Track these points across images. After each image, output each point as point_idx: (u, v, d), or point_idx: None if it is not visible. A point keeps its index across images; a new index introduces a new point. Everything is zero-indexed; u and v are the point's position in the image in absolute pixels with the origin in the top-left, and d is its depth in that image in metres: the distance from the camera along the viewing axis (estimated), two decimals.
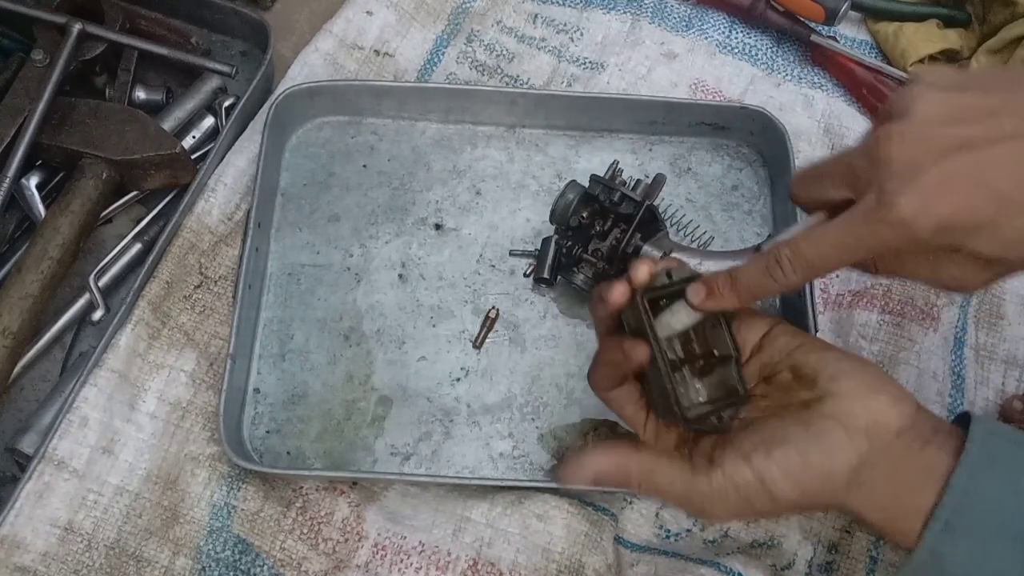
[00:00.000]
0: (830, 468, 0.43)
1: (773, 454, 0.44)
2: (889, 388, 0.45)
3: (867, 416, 0.43)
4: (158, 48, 0.68)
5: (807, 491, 0.44)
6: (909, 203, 0.40)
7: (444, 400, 0.63)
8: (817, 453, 0.43)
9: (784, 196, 0.67)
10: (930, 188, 0.40)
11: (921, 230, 0.40)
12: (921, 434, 0.43)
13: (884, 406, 0.44)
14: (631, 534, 0.59)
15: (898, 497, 0.43)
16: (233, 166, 0.67)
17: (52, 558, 0.56)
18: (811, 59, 0.76)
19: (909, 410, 0.44)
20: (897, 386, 0.45)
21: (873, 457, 0.43)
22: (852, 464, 0.43)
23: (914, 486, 0.42)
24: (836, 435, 0.43)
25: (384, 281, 0.66)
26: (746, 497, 0.44)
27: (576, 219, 0.62)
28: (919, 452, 0.43)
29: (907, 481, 0.43)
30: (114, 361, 0.60)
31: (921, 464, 0.43)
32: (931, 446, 0.43)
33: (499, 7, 0.76)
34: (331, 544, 0.57)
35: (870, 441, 0.43)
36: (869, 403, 0.44)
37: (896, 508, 0.43)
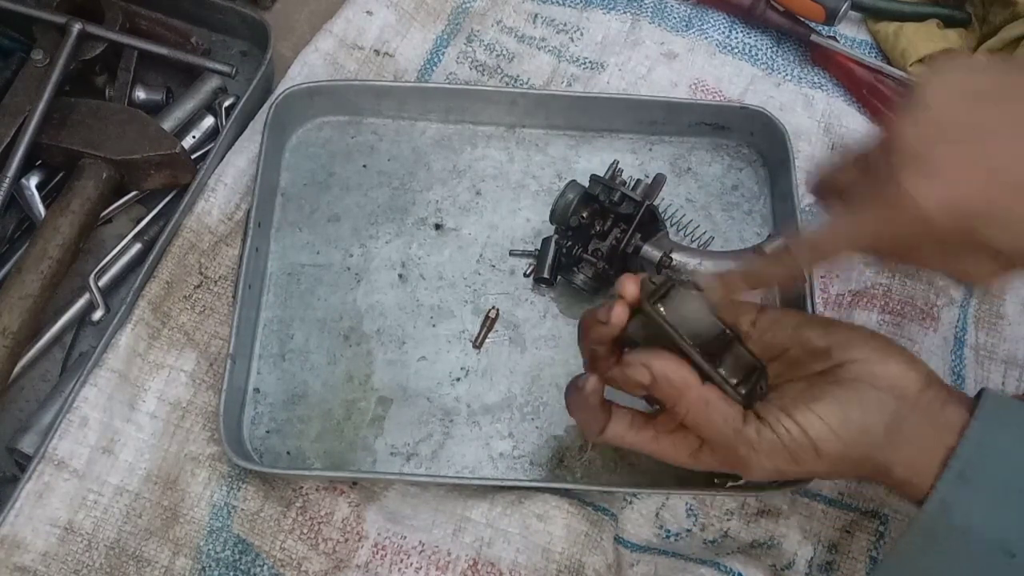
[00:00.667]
0: (869, 423, 0.44)
1: (814, 407, 0.44)
2: (902, 352, 0.46)
3: (888, 377, 0.44)
4: (158, 48, 0.68)
5: (848, 443, 0.44)
6: (922, 189, 0.40)
7: (444, 400, 0.63)
8: (855, 408, 0.44)
9: (784, 196, 0.67)
10: (944, 174, 0.40)
11: (934, 217, 0.40)
12: (939, 395, 0.44)
13: (901, 368, 0.45)
14: (631, 534, 0.59)
15: (923, 452, 0.43)
16: (233, 166, 0.67)
17: (52, 558, 0.56)
18: (811, 59, 0.76)
19: (924, 371, 0.45)
20: (907, 351, 0.46)
21: (903, 413, 0.44)
22: (886, 419, 0.44)
23: (937, 441, 0.43)
24: (868, 393, 0.44)
25: (384, 281, 0.66)
26: (792, 450, 0.44)
27: (576, 219, 0.62)
28: (940, 410, 0.44)
29: (932, 437, 0.43)
30: (114, 361, 0.60)
31: (943, 420, 0.43)
32: (950, 404, 0.44)
33: (499, 7, 0.76)
34: (331, 544, 0.57)
35: (897, 400, 0.44)
36: (887, 366, 0.45)
37: (921, 463, 0.43)
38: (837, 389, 0.45)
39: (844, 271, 0.67)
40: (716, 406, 0.45)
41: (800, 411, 0.45)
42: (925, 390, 0.45)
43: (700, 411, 0.46)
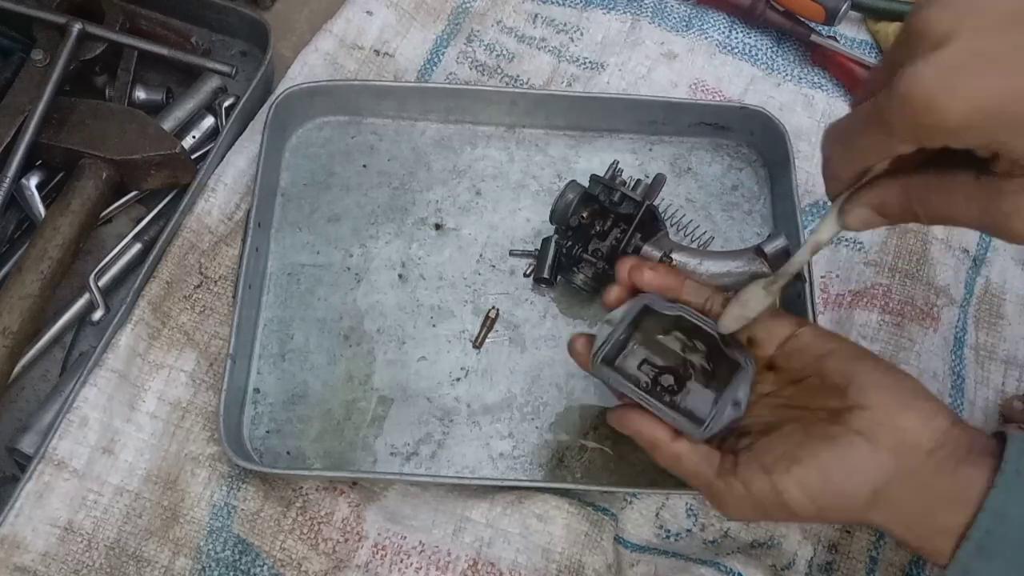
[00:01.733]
0: (851, 488, 0.42)
1: (793, 470, 0.43)
2: (921, 404, 0.43)
3: (896, 434, 0.42)
4: (158, 48, 0.68)
5: (825, 507, 0.43)
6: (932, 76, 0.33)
7: (444, 400, 0.63)
8: (839, 472, 0.42)
9: (784, 196, 0.67)
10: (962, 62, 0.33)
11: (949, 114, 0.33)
12: (955, 452, 0.42)
13: (915, 424, 0.42)
14: (631, 534, 0.59)
15: (927, 516, 0.41)
16: (233, 166, 0.67)
17: (52, 558, 0.56)
18: (811, 59, 0.76)
19: (943, 426, 0.42)
20: (932, 401, 0.43)
21: (900, 476, 0.41)
22: (875, 484, 0.42)
23: (945, 506, 0.41)
24: (860, 452, 0.42)
25: (384, 281, 0.66)
26: (762, 506, 0.44)
27: (576, 219, 0.62)
28: (951, 472, 0.41)
29: (937, 501, 0.41)
30: (114, 361, 0.60)
31: (953, 484, 0.41)
32: (964, 465, 0.41)
33: (499, 7, 0.76)
34: (331, 544, 0.57)
35: (897, 460, 0.41)
36: (899, 420, 0.42)
37: (925, 526, 0.42)
38: (827, 448, 0.43)
39: (844, 272, 0.67)
40: (687, 461, 0.47)
41: (779, 472, 0.43)
42: (937, 449, 0.41)
43: (672, 465, 0.47)
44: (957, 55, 0.33)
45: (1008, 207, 0.36)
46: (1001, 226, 0.37)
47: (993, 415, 0.64)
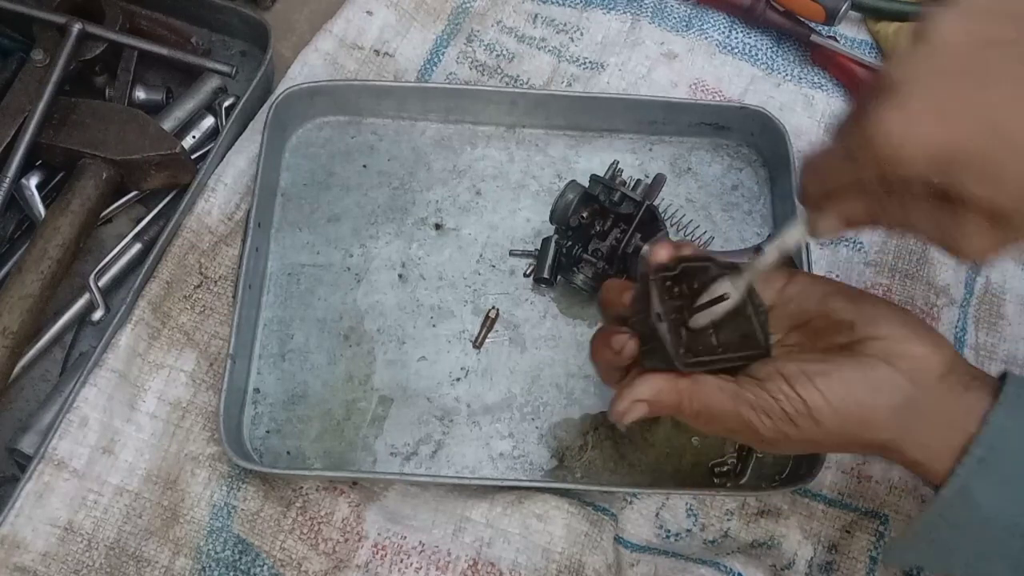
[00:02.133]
0: (873, 403, 0.43)
1: (817, 381, 0.44)
2: (929, 333, 0.45)
3: (909, 360, 0.44)
4: (158, 48, 0.68)
5: (847, 420, 0.44)
6: (892, 121, 0.37)
7: (444, 400, 0.63)
8: (861, 388, 0.44)
9: (784, 196, 0.67)
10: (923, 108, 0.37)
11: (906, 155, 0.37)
12: (962, 379, 0.44)
13: (926, 351, 0.44)
14: (631, 534, 0.59)
15: (939, 434, 0.43)
16: (233, 166, 0.67)
17: (52, 558, 0.56)
18: (811, 59, 0.76)
19: (949, 354, 0.44)
20: (935, 332, 0.45)
21: (916, 398, 0.43)
22: (894, 402, 0.43)
23: (955, 425, 0.43)
24: (880, 372, 0.44)
25: (384, 281, 0.66)
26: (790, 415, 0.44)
27: (576, 219, 0.62)
28: (961, 395, 0.43)
29: (950, 421, 0.43)
30: (114, 361, 0.60)
31: (964, 405, 0.43)
32: (972, 390, 0.43)
33: (499, 7, 0.76)
34: (331, 544, 0.57)
35: (914, 383, 0.43)
36: (911, 347, 0.44)
37: (937, 445, 0.43)
38: (848, 366, 0.44)
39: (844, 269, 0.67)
40: (709, 386, 0.46)
41: (801, 383, 0.44)
42: (947, 375, 0.44)
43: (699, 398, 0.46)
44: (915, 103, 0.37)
45: (958, 231, 0.40)
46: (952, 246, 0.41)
47: None
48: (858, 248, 0.68)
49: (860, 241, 0.68)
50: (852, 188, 0.43)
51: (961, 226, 0.40)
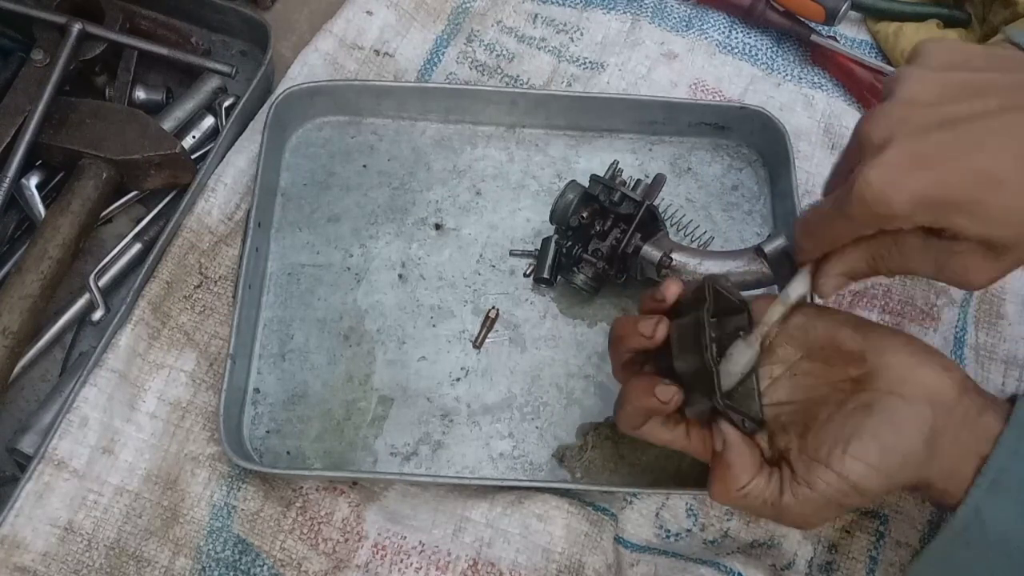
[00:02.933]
0: (908, 446, 0.44)
1: (850, 450, 0.44)
2: (936, 356, 0.45)
3: (924, 386, 0.44)
4: (158, 48, 0.68)
5: (892, 474, 0.44)
6: (878, 176, 0.39)
7: (444, 400, 0.63)
8: (891, 435, 0.44)
9: (784, 196, 0.67)
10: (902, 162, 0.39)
11: (896, 206, 0.39)
12: (976, 400, 0.44)
13: (935, 376, 0.44)
14: (631, 534, 0.59)
15: (962, 461, 0.43)
16: (233, 166, 0.67)
17: (52, 558, 0.56)
18: (811, 59, 0.76)
19: (959, 376, 0.45)
20: (942, 355, 0.46)
21: (940, 424, 0.43)
22: (924, 435, 0.43)
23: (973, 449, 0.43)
24: (902, 411, 0.44)
25: (384, 281, 0.66)
26: (835, 500, 0.44)
27: (576, 219, 0.62)
28: (977, 417, 0.43)
29: (969, 446, 0.43)
30: (114, 361, 0.60)
31: (981, 428, 0.43)
32: (988, 412, 0.44)
33: (499, 7, 0.76)
34: (331, 544, 0.57)
35: (933, 409, 0.43)
36: (922, 372, 0.44)
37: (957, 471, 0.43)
38: (871, 420, 0.44)
39: None
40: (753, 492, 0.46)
41: (836, 458, 0.44)
42: (961, 397, 0.44)
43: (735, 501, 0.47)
44: (896, 157, 0.40)
45: (959, 265, 0.42)
46: (958, 279, 0.43)
47: None
48: None
49: None
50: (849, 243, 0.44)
51: (961, 259, 0.42)
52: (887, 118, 0.41)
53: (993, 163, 0.39)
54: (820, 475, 0.44)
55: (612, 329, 0.52)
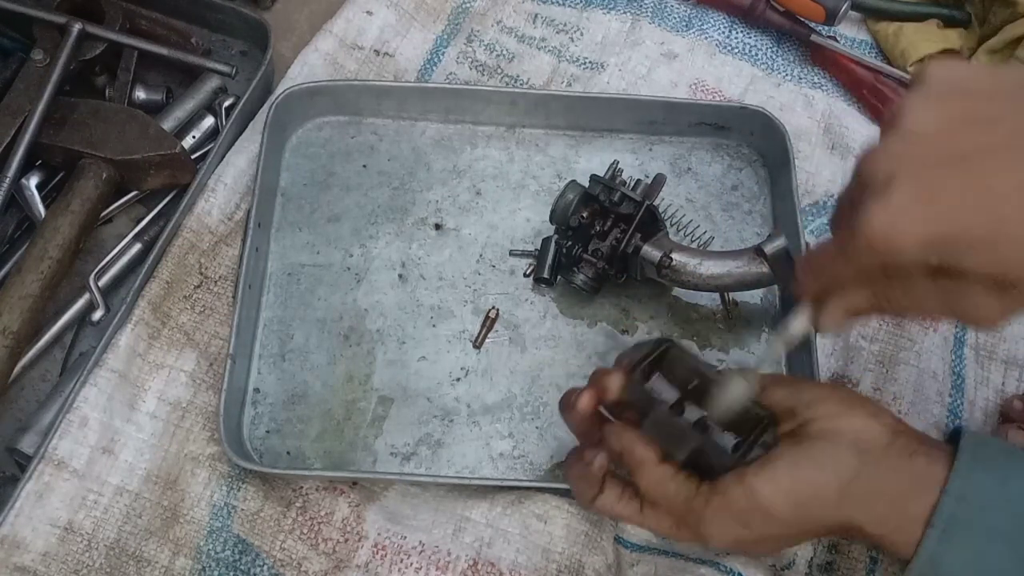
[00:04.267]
0: (822, 480, 0.44)
1: (763, 470, 0.45)
2: (865, 404, 0.46)
3: (851, 432, 0.44)
4: (158, 48, 0.68)
5: (800, 503, 0.44)
6: (883, 219, 0.38)
7: (444, 400, 0.63)
8: (808, 467, 0.44)
9: (784, 196, 0.67)
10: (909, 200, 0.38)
11: (903, 248, 0.38)
12: (908, 445, 0.44)
13: (863, 422, 0.45)
14: (631, 534, 0.59)
15: (895, 507, 0.43)
16: (233, 166, 0.67)
17: (52, 558, 0.56)
18: (811, 59, 0.76)
19: (890, 422, 0.45)
20: (872, 402, 0.46)
21: (865, 470, 0.44)
22: (844, 477, 0.44)
23: (909, 495, 0.43)
24: (823, 450, 0.44)
25: (384, 281, 0.66)
26: (742, 517, 0.45)
27: (576, 219, 0.62)
28: (908, 461, 0.43)
29: (902, 491, 0.43)
30: (114, 361, 0.60)
31: (913, 473, 0.43)
32: (920, 456, 0.44)
33: (499, 7, 0.76)
34: (331, 544, 0.57)
35: (859, 455, 0.44)
36: (850, 419, 0.45)
37: (895, 519, 0.43)
38: (792, 449, 0.45)
39: None
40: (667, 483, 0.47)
41: (751, 475, 0.45)
42: (892, 442, 0.44)
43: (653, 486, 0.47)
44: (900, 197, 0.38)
45: (970, 304, 0.40)
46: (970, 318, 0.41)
47: (993, 415, 0.64)
48: None
49: None
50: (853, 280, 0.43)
51: (969, 297, 0.40)
52: (889, 154, 0.39)
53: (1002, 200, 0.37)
54: (732, 486, 0.45)
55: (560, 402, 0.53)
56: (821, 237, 0.45)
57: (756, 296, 0.67)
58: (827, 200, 0.70)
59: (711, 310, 0.66)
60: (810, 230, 0.69)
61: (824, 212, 0.69)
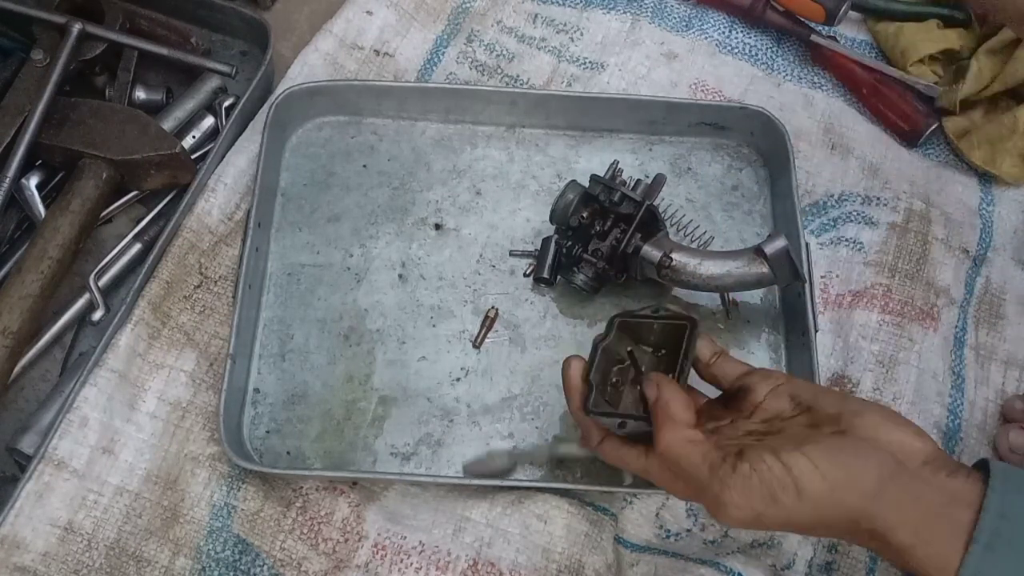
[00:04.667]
0: (861, 468, 0.43)
1: (804, 448, 0.44)
2: (910, 424, 0.46)
3: (894, 442, 0.44)
4: (158, 48, 0.68)
5: (836, 486, 0.43)
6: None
7: (444, 400, 0.63)
8: (849, 453, 0.44)
9: (784, 196, 0.67)
10: None
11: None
12: (946, 465, 0.44)
13: (909, 438, 0.45)
14: (631, 534, 0.59)
15: (930, 518, 0.43)
16: (233, 166, 0.67)
17: (52, 558, 0.56)
18: (811, 59, 0.76)
19: (932, 445, 0.45)
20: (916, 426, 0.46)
21: (902, 477, 0.43)
22: (881, 473, 0.43)
23: (946, 509, 0.43)
24: (866, 447, 0.44)
25: (384, 281, 0.66)
26: (770, 488, 0.44)
27: (576, 219, 0.62)
28: (946, 480, 0.43)
29: (937, 504, 0.43)
30: (114, 361, 0.60)
31: (950, 490, 0.43)
32: (958, 476, 0.44)
33: (499, 7, 0.76)
34: (331, 544, 0.57)
35: (898, 463, 0.44)
36: (895, 432, 0.45)
37: (928, 530, 0.43)
38: (835, 439, 0.45)
39: (844, 272, 0.67)
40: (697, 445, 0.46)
41: (787, 451, 0.44)
42: (930, 461, 0.44)
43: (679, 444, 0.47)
44: None
45: None
46: None
47: (993, 415, 0.64)
48: (858, 248, 0.68)
49: (860, 241, 0.68)
50: None
51: None
52: None
53: None
54: (766, 459, 0.44)
55: None
56: None
57: (756, 296, 0.67)
58: (827, 200, 0.70)
59: (711, 310, 0.66)
60: (810, 230, 0.69)
61: (824, 212, 0.70)
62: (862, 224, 0.68)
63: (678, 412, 0.47)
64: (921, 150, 0.73)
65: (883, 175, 0.70)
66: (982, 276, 0.68)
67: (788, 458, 0.44)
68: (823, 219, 0.69)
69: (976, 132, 0.71)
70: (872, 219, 0.68)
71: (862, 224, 0.68)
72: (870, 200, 0.69)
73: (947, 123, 0.72)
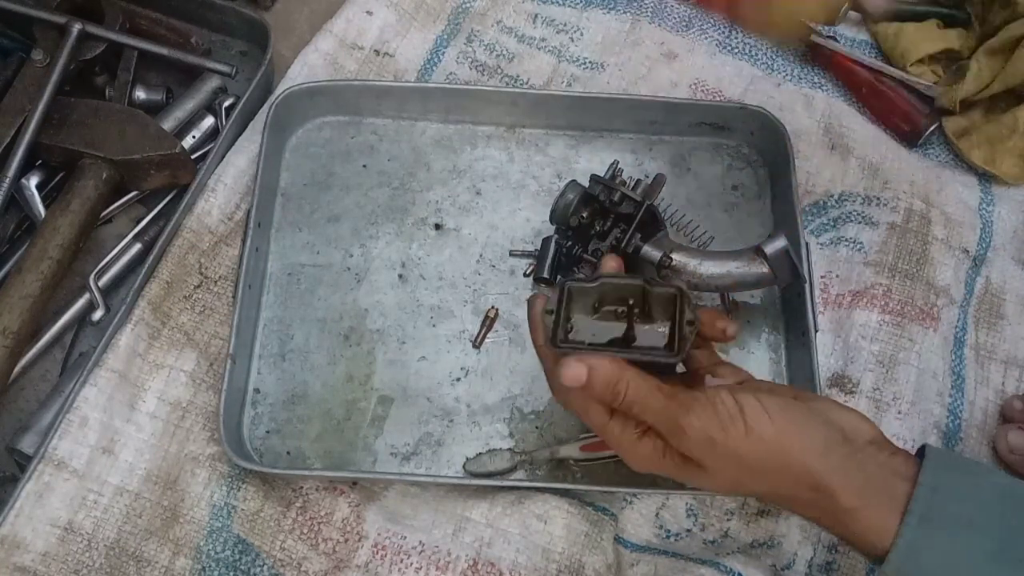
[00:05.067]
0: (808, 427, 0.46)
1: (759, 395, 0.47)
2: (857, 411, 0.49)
3: (844, 421, 0.48)
4: (158, 48, 0.68)
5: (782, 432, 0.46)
6: None
7: (444, 400, 0.63)
8: (799, 413, 0.47)
9: (784, 196, 0.67)
10: None
11: None
12: (887, 446, 0.48)
13: (857, 419, 0.48)
14: (631, 534, 0.59)
15: (872, 485, 0.46)
16: (233, 166, 0.67)
17: (52, 558, 0.56)
18: (811, 59, 0.76)
19: (877, 429, 0.48)
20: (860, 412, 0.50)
21: (848, 447, 0.46)
22: (828, 436, 0.46)
23: (887, 481, 0.46)
24: (818, 415, 0.47)
25: (384, 281, 0.66)
26: (721, 418, 0.46)
27: (576, 219, 0.62)
28: (889, 458, 0.47)
29: (881, 476, 0.46)
30: (114, 361, 0.60)
31: (891, 466, 0.46)
32: (898, 455, 0.47)
33: (499, 7, 0.76)
34: (331, 544, 0.57)
35: (844, 437, 0.47)
36: (845, 414, 0.49)
37: (872, 496, 0.45)
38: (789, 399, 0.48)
39: (844, 272, 0.67)
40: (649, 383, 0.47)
41: (744, 394, 0.47)
42: (875, 442, 0.47)
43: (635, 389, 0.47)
44: None
45: None
46: None
47: (993, 415, 0.64)
48: (858, 248, 0.68)
49: (860, 241, 0.68)
50: None
51: None
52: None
53: None
54: (721, 393, 0.47)
55: None
56: None
57: (756, 296, 0.67)
58: (827, 200, 0.70)
59: None
60: (810, 230, 0.69)
61: (824, 212, 0.70)
62: (862, 224, 0.68)
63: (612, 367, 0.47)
64: (921, 150, 0.73)
65: (883, 175, 0.70)
66: (982, 276, 0.68)
67: (742, 397, 0.47)
68: (823, 219, 0.69)
69: (976, 132, 0.71)
70: (872, 219, 0.68)
71: (862, 224, 0.68)
72: (870, 200, 0.69)
73: (947, 123, 0.72)
